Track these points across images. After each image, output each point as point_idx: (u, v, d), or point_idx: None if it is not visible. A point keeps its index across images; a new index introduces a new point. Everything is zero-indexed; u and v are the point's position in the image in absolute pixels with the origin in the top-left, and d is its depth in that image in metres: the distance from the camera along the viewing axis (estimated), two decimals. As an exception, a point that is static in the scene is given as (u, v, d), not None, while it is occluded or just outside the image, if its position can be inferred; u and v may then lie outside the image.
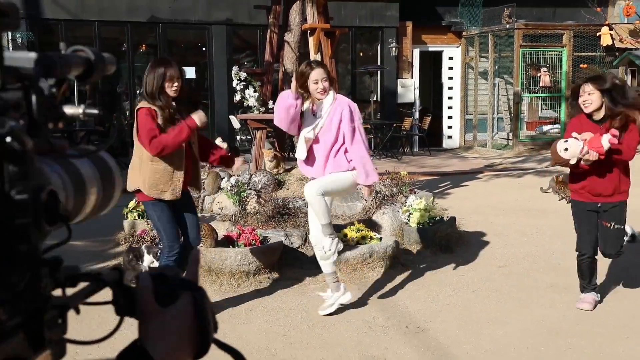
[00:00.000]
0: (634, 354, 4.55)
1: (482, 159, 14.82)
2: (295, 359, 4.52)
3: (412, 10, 16.30)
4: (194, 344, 0.82)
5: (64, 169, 0.72)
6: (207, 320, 0.82)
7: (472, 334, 4.93)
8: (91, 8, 14.43)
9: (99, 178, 0.78)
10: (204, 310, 0.82)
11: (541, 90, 15.88)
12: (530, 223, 8.24)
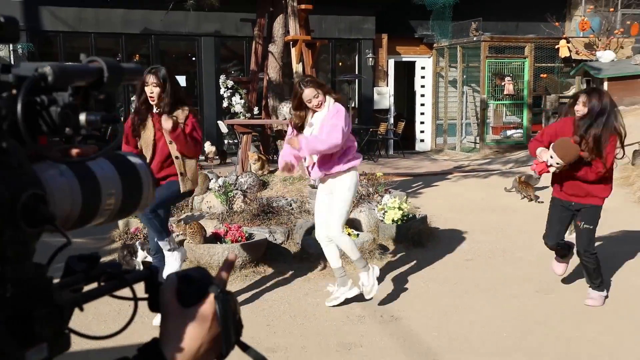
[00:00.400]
0: (587, 336, 4.59)
1: (451, 161, 14.89)
2: (278, 347, 4.51)
3: (387, 24, 16.35)
4: (215, 345, 0.81)
5: (75, 173, 0.71)
6: (228, 324, 0.80)
7: (440, 323, 4.96)
8: (88, 20, 14.33)
9: (120, 180, 0.76)
10: (226, 313, 0.80)
11: (505, 98, 15.99)
12: (495, 220, 8.29)
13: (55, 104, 0.68)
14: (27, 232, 0.64)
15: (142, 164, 0.82)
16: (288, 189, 8.07)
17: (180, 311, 0.80)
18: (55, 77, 0.67)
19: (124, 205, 0.78)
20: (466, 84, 16.63)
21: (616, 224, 7.52)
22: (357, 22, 16.17)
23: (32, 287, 0.66)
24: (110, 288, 0.79)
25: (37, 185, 0.65)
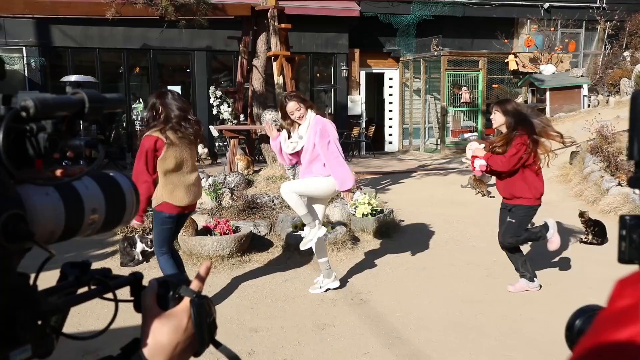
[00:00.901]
0: (529, 316, 4.66)
1: (416, 160, 14.94)
2: (260, 327, 4.53)
3: (359, 40, 16.39)
4: (190, 344, 0.80)
5: (59, 193, 0.70)
6: (203, 324, 0.80)
7: (403, 304, 5.01)
8: (93, 37, 14.21)
9: (104, 197, 0.75)
10: (201, 315, 0.80)
11: (462, 105, 16.12)
12: (453, 213, 8.33)
13: (43, 131, 0.68)
14: (7, 248, 0.63)
15: (126, 181, 0.81)
16: (271, 186, 8.09)
17: (159, 314, 0.79)
18: (36, 110, 0.66)
19: (108, 220, 0.77)
20: (428, 92, 16.72)
21: (555, 215, 7.63)
22: (333, 38, 16.19)
23: (14, 295, 0.66)
24: (96, 293, 0.78)
25: (18, 205, 0.64)
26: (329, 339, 4.34)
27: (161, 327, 0.79)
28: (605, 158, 9.02)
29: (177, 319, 0.79)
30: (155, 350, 0.77)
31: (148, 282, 0.83)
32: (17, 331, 0.65)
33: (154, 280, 0.83)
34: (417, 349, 4.15)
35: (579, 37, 18.20)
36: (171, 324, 0.79)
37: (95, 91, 0.75)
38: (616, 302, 0.40)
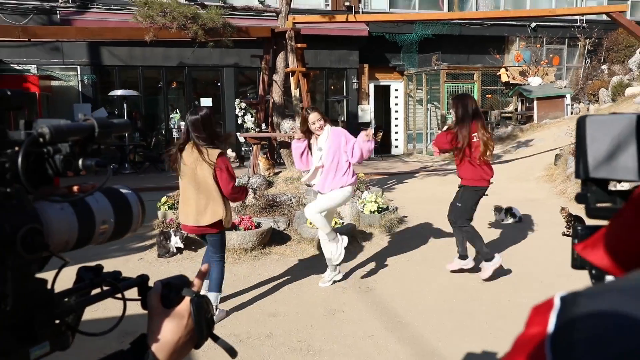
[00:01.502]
0: (516, 301, 4.59)
1: (419, 162, 14.84)
2: (278, 312, 4.51)
3: (368, 56, 16.33)
4: (191, 338, 0.81)
5: (73, 208, 0.71)
6: (202, 320, 0.80)
7: (405, 292, 4.96)
8: (137, 57, 14.33)
9: (112, 210, 0.76)
10: (199, 312, 0.80)
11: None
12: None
13: (59, 153, 0.69)
14: (26, 258, 0.64)
15: (133, 195, 0.82)
16: (289, 187, 8.05)
17: (163, 312, 0.80)
18: (51, 136, 0.67)
19: (117, 230, 0.78)
20: (429, 102, 16.61)
21: (540, 210, 7.53)
22: (345, 55, 16.14)
23: (33, 298, 0.66)
24: (107, 294, 0.80)
25: (35, 220, 0.65)
26: (339, 323, 4.30)
27: (165, 324, 0.79)
28: (586, 160, 8.88)
29: (179, 316, 0.80)
30: (160, 344, 0.77)
31: (153, 284, 0.84)
32: (36, 330, 0.66)
33: (158, 282, 0.84)
34: (417, 332, 4.10)
35: (562, 53, 18.02)
36: (174, 321, 0.79)
37: (104, 118, 0.76)
38: (528, 328, 0.39)
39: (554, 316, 0.35)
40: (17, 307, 0.63)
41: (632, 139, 0.63)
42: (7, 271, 0.62)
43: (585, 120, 0.68)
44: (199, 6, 9.08)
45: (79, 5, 13.83)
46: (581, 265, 0.73)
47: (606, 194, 0.68)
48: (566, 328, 0.34)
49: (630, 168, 0.64)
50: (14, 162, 0.64)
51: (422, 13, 15.93)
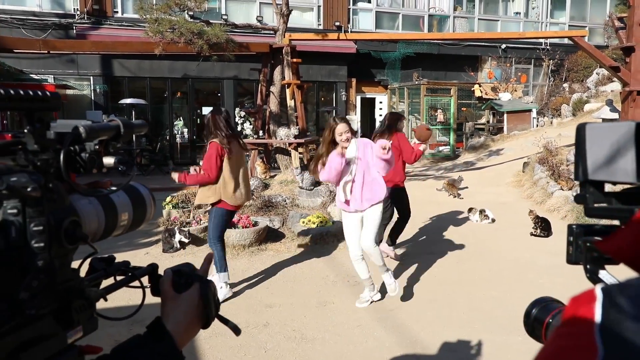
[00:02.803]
0: (489, 295, 4.60)
1: (400, 168, 14.88)
2: (274, 303, 4.47)
3: (355, 71, 16.37)
4: (200, 318, 0.82)
5: (99, 202, 0.72)
6: (209, 303, 0.81)
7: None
8: (145, 69, 14.22)
9: (131, 205, 0.78)
10: (207, 296, 0.81)
11: (438, 124, 16.02)
12: (430, 210, 8.26)
13: (85, 151, 0.68)
14: (67, 248, 0.64)
15: (147, 192, 0.83)
16: (283, 189, 8.02)
17: (175, 296, 0.81)
18: (86, 134, 0.67)
19: (134, 221, 0.80)
20: (411, 113, 16.64)
21: (510, 213, 7.57)
22: (334, 69, 16.15)
23: (71, 286, 0.66)
24: (126, 282, 0.80)
25: (74, 213, 0.65)
26: (330, 313, 4.27)
27: (178, 306, 0.80)
28: (550, 167, 8.95)
29: (189, 299, 0.81)
30: (176, 325, 0.78)
31: (164, 271, 0.84)
32: (72, 315, 0.65)
33: (169, 269, 0.84)
34: (401, 321, 4.08)
35: (529, 72, 18.19)
36: (185, 304, 0.80)
37: (126, 119, 0.76)
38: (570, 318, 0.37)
39: (599, 306, 0.34)
40: (59, 294, 0.63)
41: (630, 145, 0.62)
42: (54, 260, 0.61)
43: (584, 127, 0.67)
44: (205, 23, 9.05)
45: (93, 21, 13.72)
46: (576, 260, 0.72)
47: (602, 195, 0.67)
48: (614, 317, 0.32)
49: (629, 171, 0.63)
50: (56, 159, 0.64)
51: (405, 33, 15.99)
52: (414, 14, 17.11)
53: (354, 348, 3.64)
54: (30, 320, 0.60)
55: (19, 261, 0.58)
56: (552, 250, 5.87)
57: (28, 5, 13.53)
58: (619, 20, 9.19)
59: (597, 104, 13.58)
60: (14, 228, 0.57)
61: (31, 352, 0.59)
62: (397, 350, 3.58)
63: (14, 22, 13.09)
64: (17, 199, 0.57)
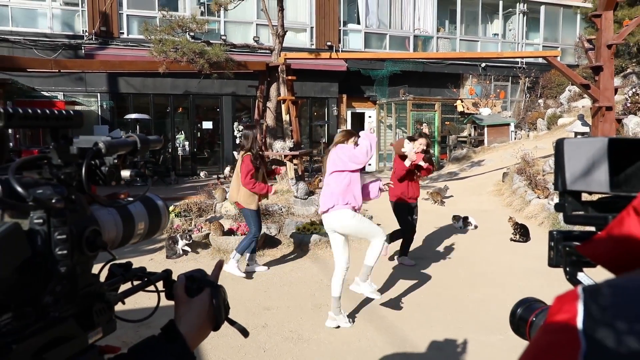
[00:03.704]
0: (473, 297, 4.61)
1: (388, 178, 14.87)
2: (271, 306, 4.45)
3: (346, 88, 16.42)
4: (211, 322, 0.81)
5: (118, 212, 0.72)
6: (219, 307, 0.81)
7: (380, 288, 4.89)
8: (148, 85, 14.18)
9: (147, 215, 0.77)
10: (218, 300, 0.81)
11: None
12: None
13: (105, 165, 0.69)
14: (88, 255, 0.64)
15: (162, 203, 0.82)
16: (279, 198, 8.01)
17: (187, 300, 0.81)
18: (106, 149, 0.68)
19: (150, 230, 0.79)
20: (398, 127, 16.73)
21: (490, 220, 7.61)
22: (326, 86, 16.21)
23: (91, 290, 0.67)
24: (142, 286, 0.80)
25: (94, 222, 0.66)
26: (324, 315, 4.25)
27: (190, 310, 0.80)
28: (527, 177, 9.01)
29: (201, 303, 0.81)
30: (187, 327, 0.78)
31: (177, 277, 0.84)
32: (93, 318, 0.66)
33: (182, 275, 0.84)
34: (391, 323, 4.08)
35: (507, 88, 18.36)
36: (197, 308, 0.80)
37: (143, 135, 0.76)
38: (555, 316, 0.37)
39: (581, 304, 0.35)
40: (80, 297, 0.64)
41: (604, 158, 0.64)
42: (76, 266, 0.62)
43: (563, 142, 0.68)
44: (205, 43, 9.07)
45: (100, 42, 13.71)
46: (556, 263, 0.73)
47: (580, 204, 0.69)
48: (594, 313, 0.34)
49: (603, 182, 0.64)
50: (78, 173, 0.64)
51: (392, 53, 16.13)
52: (400, 34, 17.27)
53: (348, 347, 3.63)
54: (54, 323, 0.60)
55: (43, 267, 0.59)
56: (530, 255, 5.90)
57: (40, 27, 13.52)
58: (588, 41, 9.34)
59: (569, 119, 13.72)
60: (40, 237, 0.58)
61: (54, 352, 0.60)
62: (388, 349, 3.57)
63: (27, 43, 13.09)
64: (43, 210, 0.58)
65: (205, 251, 6.13)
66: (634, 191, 0.65)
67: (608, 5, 7.91)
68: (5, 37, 12.85)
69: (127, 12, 14.14)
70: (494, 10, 18.60)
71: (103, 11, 13.71)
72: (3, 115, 0.58)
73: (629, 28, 8.53)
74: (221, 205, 7.56)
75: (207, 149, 15.74)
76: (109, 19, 13.86)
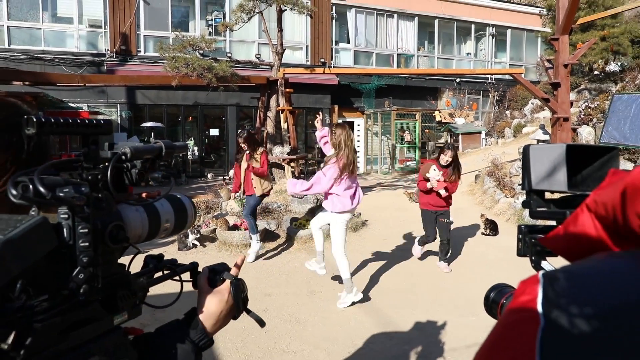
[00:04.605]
0: (448, 284, 4.62)
1: (375, 179, 14.88)
2: (271, 293, 4.44)
3: (337, 99, 16.41)
4: (230, 311, 0.80)
5: (145, 209, 0.71)
6: (239, 298, 0.80)
7: (366, 277, 4.94)
8: (162, 97, 14.10)
9: (173, 212, 0.76)
10: (237, 292, 0.80)
11: (405, 143, 16.15)
12: (400, 215, 8.29)
13: (135, 167, 0.68)
14: (112, 247, 0.64)
15: (188, 201, 0.80)
16: (278, 197, 7.99)
17: (209, 290, 0.80)
18: (132, 154, 0.67)
19: (176, 227, 0.78)
20: (383, 134, 16.76)
21: (464, 217, 7.64)
22: (320, 98, 16.19)
23: (116, 278, 0.66)
24: (170, 276, 0.79)
25: (119, 219, 0.65)
26: (319, 301, 4.26)
27: (211, 300, 0.78)
28: (496, 179, 9.06)
29: (221, 294, 0.79)
30: (207, 315, 0.77)
31: (202, 269, 0.83)
32: (117, 302, 0.66)
33: (205, 267, 0.83)
34: (377, 307, 4.08)
35: (479, 101, 18.46)
36: (217, 298, 0.79)
37: (169, 141, 0.74)
38: (519, 298, 0.38)
39: (541, 287, 0.36)
40: (105, 284, 0.63)
41: (563, 162, 0.65)
42: (98, 257, 0.62)
43: (529, 148, 0.69)
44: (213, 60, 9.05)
45: (120, 59, 13.66)
46: (524, 253, 0.74)
47: (543, 201, 0.70)
48: (551, 294, 0.35)
49: (562, 182, 0.65)
50: (105, 174, 0.64)
51: (378, 68, 16.17)
52: (385, 52, 17.32)
53: (340, 328, 3.63)
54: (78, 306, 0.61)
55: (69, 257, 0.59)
56: (499, 247, 5.94)
57: (68, 47, 13.53)
58: (548, 61, 9.41)
59: (532, 128, 13.83)
60: (65, 230, 0.59)
61: (80, 331, 0.60)
62: (375, 330, 3.58)
63: (56, 61, 13.11)
64: (66, 207, 0.59)
65: (212, 244, 6.10)
66: (589, 190, 0.66)
67: (564, 30, 8.00)
68: (38, 55, 12.92)
69: (144, 32, 14.08)
70: (467, 32, 18.73)
71: (123, 32, 13.67)
72: (35, 124, 0.58)
73: (581, 50, 8.63)
74: (227, 204, 7.54)
75: (213, 154, 15.68)
76: (128, 39, 13.81)
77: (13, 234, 0.48)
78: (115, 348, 0.65)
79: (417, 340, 3.41)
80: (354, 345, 3.33)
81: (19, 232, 0.49)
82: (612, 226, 0.38)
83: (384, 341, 3.40)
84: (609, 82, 13.87)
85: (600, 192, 0.39)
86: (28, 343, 0.52)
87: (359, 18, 16.87)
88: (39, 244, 0.52)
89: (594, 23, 13.35)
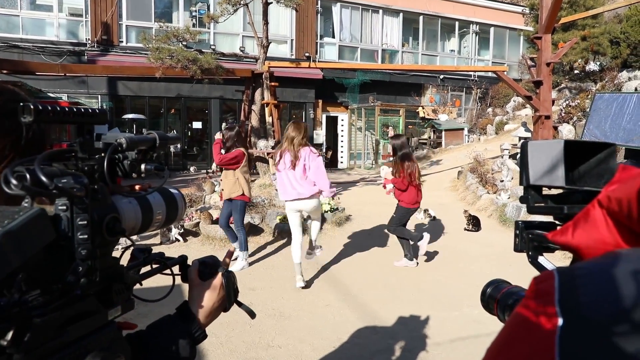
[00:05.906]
0: (432, 279, 4.67)
1: (358, 174, 14.93)
2: (256, 287, 4.42)
3: (321, 94, 16.39)
4: (222, 303, 0.80)
5: (138, 202, 0.70)
6: (230, 290, 0.81)
7: (352, 271, 4.95)
8: (144, 89, 13.83)
9: (164, 205, 0.75)
10: (229, 284, 0.81)
11: (389, 139, 16.23)
12: (382, 210, 8.21)
13: (127, 159, 0.67)
14: (108, 240, 0.63)
15: (178, 194, 0.80)
16: (263, 191, 7.95)
17: (200, 283, 0.79)
18: (127, 145, 0.66)
19: (167, 220, 0.77)
20: (367, 130, 16.82)
21: (447, 213, 7.74)
22: (304, 92, 16.14)
23: (111, 272, 0.65)
24: (159, 269, 0.78)
25: (114, 210, 0.64)
26: (303, 295, 4.26)
27: (202, 292, 0.78)
28: (479, 175, 9.19)
29: (213, 286, 0.79)
30: (198, 308, 0.77)
31: (192, 262, 0.82)
32: (112, 296, 0.65)
33: (196, 260, 0.83)
34: (362, 301, 4.11)
35: (462, 98, 18.67)
36: (209, 290, 0.79)
37: (162, 132, 0.73)
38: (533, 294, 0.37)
39: (557, 283, 0.36)
40: (101, 278, 0.62)
41: (561, 158, 0.66)
42: (96, 250, 0.60)
43: (527, 144, 0.70)
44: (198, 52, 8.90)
45: (101, 49, 13.34)
46: (521, 249, 0.74)
47: (540, 197, 0.71)
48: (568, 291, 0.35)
49: (560, 178, 0.66)
50: (101, 165, 0.63)
51: (363, 64, 16.20)
52: (370, 48, 17.35)
53: (325, 323, 3.65)
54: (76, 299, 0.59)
55: (67, 249, 0.58)
56: (481, 242, 6.04)
57: (47, 35, 13.14)
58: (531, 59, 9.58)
59: (514, 125, 14.07)
60: (63, 222, 0.57)
61: (77, 326, 0.59)
62: (359, 324, 3.61)
63: (35, 49, 12.73)
64: (66, 198, 0.57)
65: (195, 238, 6.04)
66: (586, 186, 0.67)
67: (547, 29, 8.14)
68: (16, 43, 12.53)
69: (126, 22, 13.77)
70: (451, 29, 18.89)
71: (104, 21, 13.34)
72: (33, 111, 0.56)
73: (563, 50, 8.80)
74: (210, 197, 7.46)
75: (196, 147, 15.49)
76: (110, 29, 13.48)
77: (12, 226, 0.47)
78: (110, 343, 0.63)
79: (401, 334, 3.45)
80: (338, 340, 3.35)
81: (18, 224, 0.47)
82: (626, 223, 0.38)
83: (369, 335, 3.43)
84: (589, 82, 14.20)
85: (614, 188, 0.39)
86: (27, 339, 0.50)
87: (344, 13, 16.84)
88: (38, 236, 0.51)
89: (575, 23, 13.62)
